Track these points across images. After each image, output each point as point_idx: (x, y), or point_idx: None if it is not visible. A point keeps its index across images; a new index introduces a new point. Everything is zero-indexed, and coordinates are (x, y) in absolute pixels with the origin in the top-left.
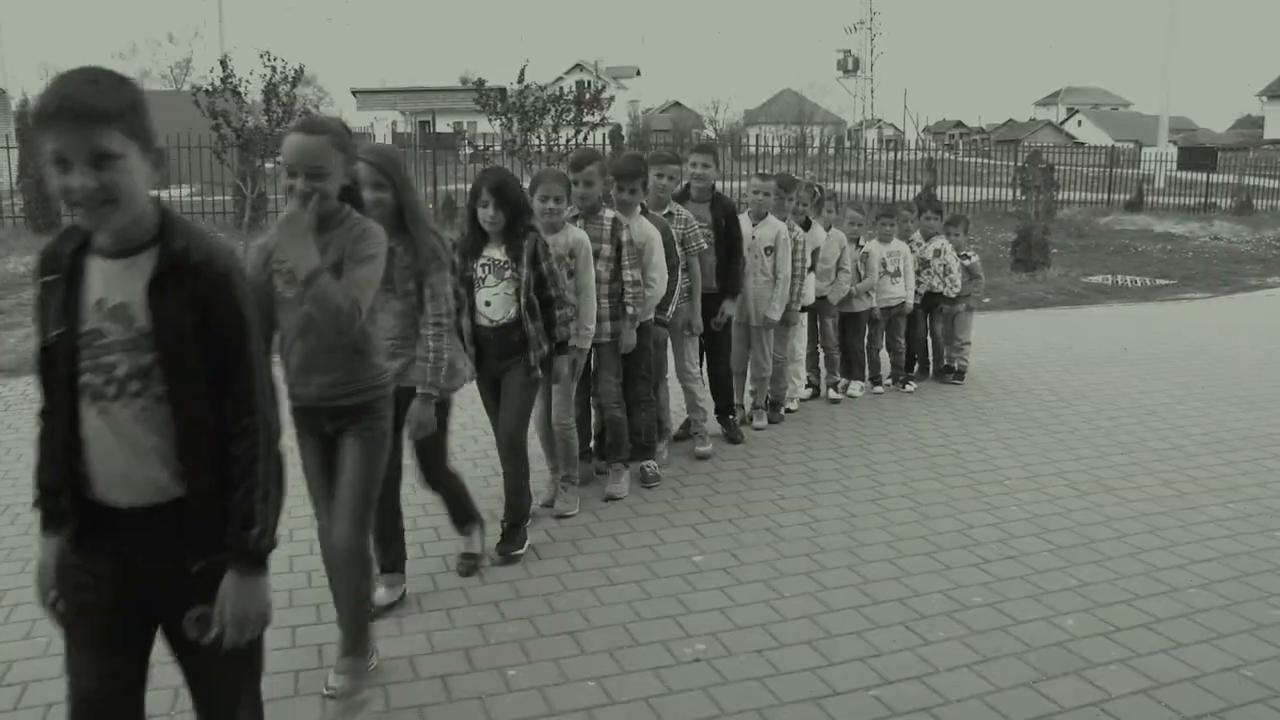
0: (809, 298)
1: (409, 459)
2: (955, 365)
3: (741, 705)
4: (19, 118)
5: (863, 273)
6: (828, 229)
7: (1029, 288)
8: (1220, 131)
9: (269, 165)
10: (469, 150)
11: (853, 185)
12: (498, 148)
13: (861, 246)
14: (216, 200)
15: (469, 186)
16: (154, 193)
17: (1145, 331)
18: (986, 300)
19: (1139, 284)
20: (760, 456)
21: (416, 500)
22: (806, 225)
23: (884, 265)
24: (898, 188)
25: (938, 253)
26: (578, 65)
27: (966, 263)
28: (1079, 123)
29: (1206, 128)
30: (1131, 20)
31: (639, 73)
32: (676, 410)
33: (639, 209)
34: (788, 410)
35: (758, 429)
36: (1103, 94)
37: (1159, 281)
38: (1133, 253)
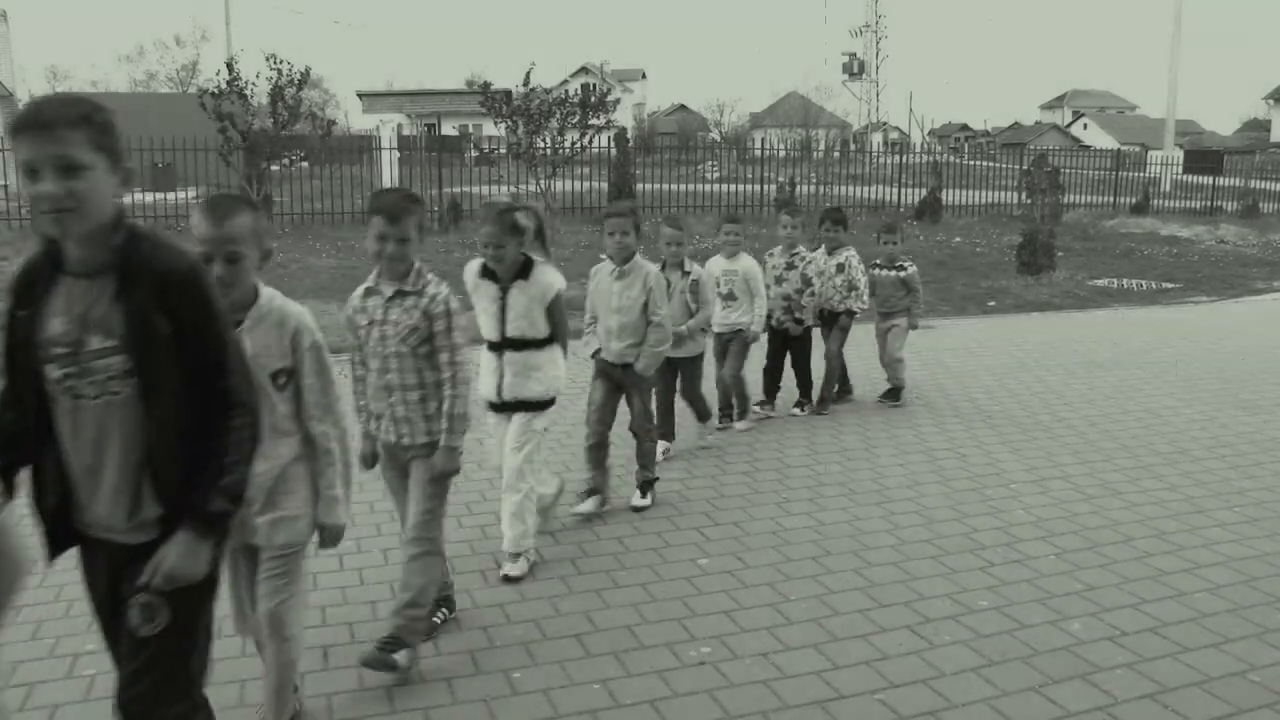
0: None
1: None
2: (889, 385)
3: (746, 708)
4: None
5: (693, 306)
6: (625, 262)
7: (1034, 291)
8: (1226, 134)
9: (275, 167)
10: (474, 153)
11: (858, 189)
12: (503, 151)
13: (688, 273)
14: None
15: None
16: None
17: (1151, 335)
18: (993, 300)
19: (1145, 287)
20: (765, 460)
21: None
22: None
23: (718, 287)
24: (903, 191)
25: (841, 267)
26: (583, 68)
27: (903, 274)
28: (1085, 126)
29: (1213, 130)
30: (1138, 23)
31: (644, 75)
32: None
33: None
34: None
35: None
36: (1109, 97)
37: (1165, 285)
38: (1138, 256)
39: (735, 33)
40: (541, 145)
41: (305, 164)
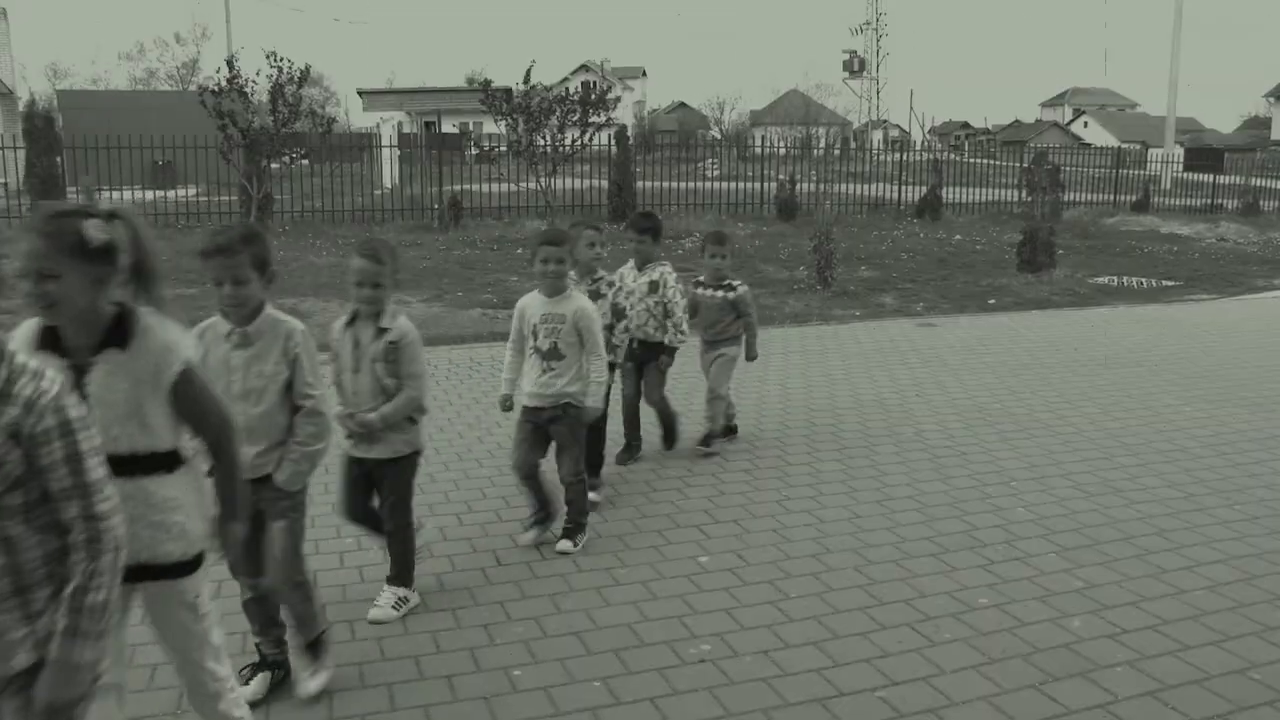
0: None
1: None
2: (708, 427)
3: (747, 706)
4: (25, 118)
5: (390, 384)
6: (249, 320)
7: (1035, 289)
8: (1227, 132)
9: (275, 165)
10: (475, 151)
11: (858, 187)
12: (504, 149)
13: (385, 331)
14: (223, 200)
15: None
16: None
17: (1151, 333)
18: (994, 298)
19: (1145, 285)
20: (765, 458)
21: (422, 501)
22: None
23: (534, 339)
24: (903, 188)
25: (654, 286)
26: (584, 65)
27: (732, 295)
28: (1085, 124)
29: (1213, 128)
30: (1138, 20)
31: (645, 73)
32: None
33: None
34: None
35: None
36: (1109, 95)
37: (1165, 283)
38: (1139, 254)
39: (736, 30)
40: (542, 143)
41: (305, 162)
